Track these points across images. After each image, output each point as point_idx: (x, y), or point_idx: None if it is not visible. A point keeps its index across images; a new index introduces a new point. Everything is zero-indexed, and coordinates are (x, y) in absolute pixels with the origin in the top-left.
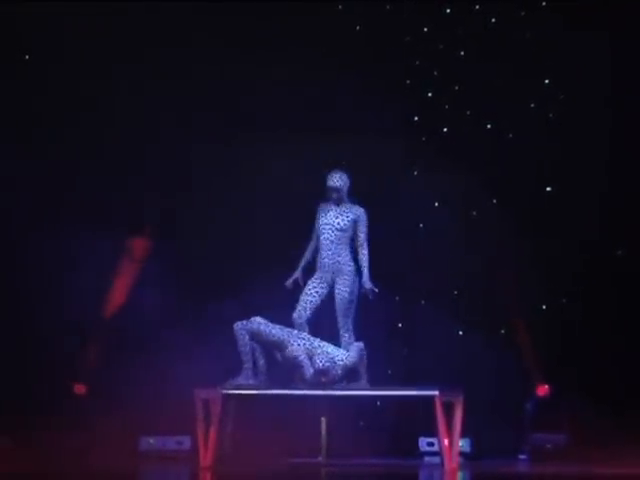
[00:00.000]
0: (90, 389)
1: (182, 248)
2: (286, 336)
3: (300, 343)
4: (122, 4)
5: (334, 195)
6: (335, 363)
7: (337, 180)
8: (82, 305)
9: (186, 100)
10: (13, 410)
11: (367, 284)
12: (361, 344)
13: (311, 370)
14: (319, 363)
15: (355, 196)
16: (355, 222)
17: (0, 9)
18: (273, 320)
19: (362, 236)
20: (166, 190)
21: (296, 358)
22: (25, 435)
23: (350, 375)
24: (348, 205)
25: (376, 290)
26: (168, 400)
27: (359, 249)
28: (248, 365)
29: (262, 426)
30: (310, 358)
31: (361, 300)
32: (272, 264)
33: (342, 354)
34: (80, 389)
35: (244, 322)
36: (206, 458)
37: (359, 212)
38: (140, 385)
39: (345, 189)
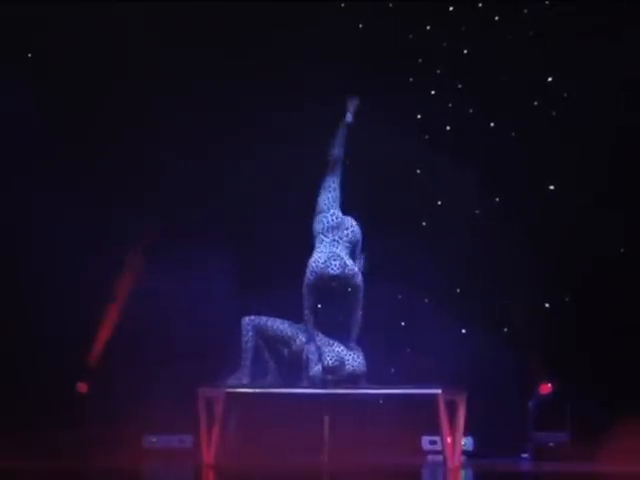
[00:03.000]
0: (93, 388)
1: (183, 246)
2: (294, 331)
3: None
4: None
5: (334, 284)
6: (344, 364)
7: (337, 268)
8: (84, 304)
9: (182, 100)
10: (15, 409)
11: (353, 345)
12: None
13: (318, 366)
14: (328, 360)
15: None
16: (353, 288)
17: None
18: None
19: (356, 303)
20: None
21: (302, 352)
22: (28, 434)
23: (352, 380)
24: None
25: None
26: (171, 398)
27: (352, 312)
28: (245, 363)
29: (265, 424)
30: (318, 355)
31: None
32: (274, 264)
33: (352, 359)
34: (83, 388)
35: (252, 317)
36: (209, 456)
37: (356, 282)
38: (143, 383)
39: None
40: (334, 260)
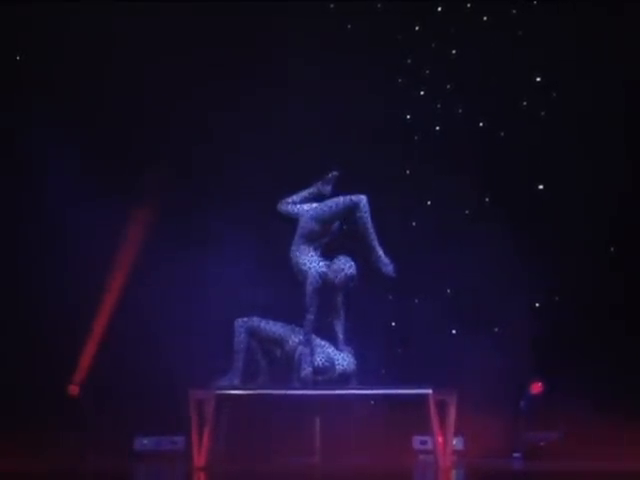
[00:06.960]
0: (84, 390)
1: (179, 246)
2: (287, 332)
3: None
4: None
5: (352, 284)
6: (334, 365)
7: (355, 268)
8: (78, 305)
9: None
10: (6, 412)
11: (343, 346)
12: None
13: (309, 368)
14: (319, 361)
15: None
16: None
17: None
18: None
19: (343, 302)
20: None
21: (295, 353)
22: (19, 437)
23: (343, 380)
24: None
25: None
26: (162, 400)
27: (339, 312)
28: (237, 364)
29: (256, 426)
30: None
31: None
32: (272, 263)
33: (342, 359)
34: (74, 390)
35: (245, 319)
36: (200, 458)
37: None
38: (134, 385)
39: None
40: (352, 261)
